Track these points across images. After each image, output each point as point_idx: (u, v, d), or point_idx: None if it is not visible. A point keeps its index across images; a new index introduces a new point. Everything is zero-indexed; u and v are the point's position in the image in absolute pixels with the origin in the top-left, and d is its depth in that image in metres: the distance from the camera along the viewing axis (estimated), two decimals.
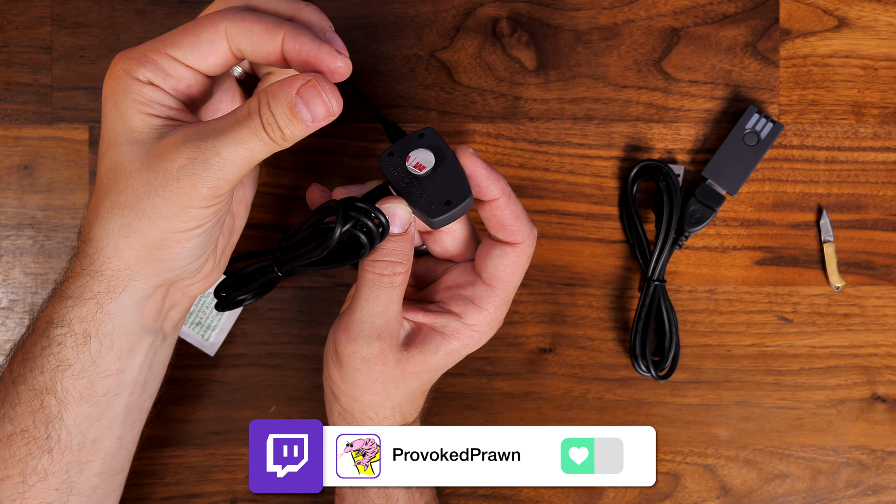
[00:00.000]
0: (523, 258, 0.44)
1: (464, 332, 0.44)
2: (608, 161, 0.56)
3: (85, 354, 0.41)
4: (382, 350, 0.43)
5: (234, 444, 0.56)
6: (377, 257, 0.42)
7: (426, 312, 0.45)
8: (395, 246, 0.42)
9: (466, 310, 0.44)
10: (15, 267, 0.55)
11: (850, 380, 0.57)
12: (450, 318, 0.44)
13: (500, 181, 0.42)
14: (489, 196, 0.42)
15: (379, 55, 0.56)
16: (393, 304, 0.43)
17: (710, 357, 0.57)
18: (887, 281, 0.57)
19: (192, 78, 0.41)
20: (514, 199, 0.43)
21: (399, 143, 0.43)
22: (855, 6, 0.56)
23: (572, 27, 0.56)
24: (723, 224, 0.56)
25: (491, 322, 0.45)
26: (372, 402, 0.46)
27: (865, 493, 0.57)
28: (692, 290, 0.57)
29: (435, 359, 0.44)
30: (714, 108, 0.56)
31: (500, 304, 0.44)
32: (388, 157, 0.43)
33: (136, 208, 0.39)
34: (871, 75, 0.56)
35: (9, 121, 0.55)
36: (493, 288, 0.44)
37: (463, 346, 0.44)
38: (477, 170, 0.42)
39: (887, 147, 0.57)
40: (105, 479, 0.44)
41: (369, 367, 0.44)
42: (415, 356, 0.44)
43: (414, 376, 0.45)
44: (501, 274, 0.43)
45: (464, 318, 0.44)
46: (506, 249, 0.43)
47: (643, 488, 0.57)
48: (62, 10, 0.55)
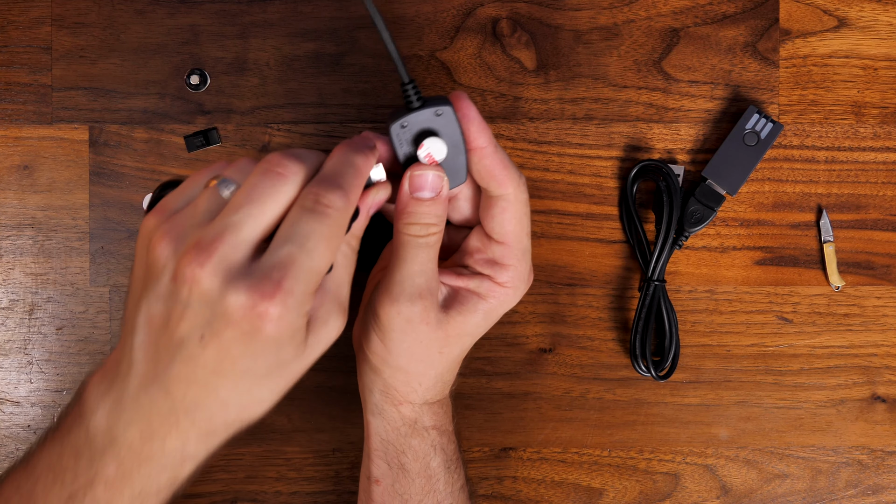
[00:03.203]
0: (519, 205, 0.44)
1: (497, 290, 0.45)
2: (608, 161, 0.56)
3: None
4: (425, 308, 0.44)
5: (234, 444, 0.56)
6: (411, 220, 0.43)
7: (459, 276, 0.46)
8: (428, 209, 0.43)
9: (494, 270, 0.45)
10: (15, 267, 0.55)
11: (849, 380, 0.57)
12: (482, 279, 0.46)
13: (489, 131, 0.43)
14: (478, 144, 0.43)
15: (379, 55, 0.56)
16: (430, 263, 0.44)
17: (710, 357, 0.57)
18: (887, 281, 0.57)
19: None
20: (500, 150, 0.44)
21: (414, 116, 0.42)
22: (855, 6, 0.56)
23: (572, 27, 0.56)
24: (723, 224, 0.56)
25: (520, 275, 0.46)
26: (417, 370, 0.46)
27: (865, 493, 0.57)
28: (692, 290, 0.57)
29: (475, 319, 0.45)
30: (714, 108, 0.56)
31: (521, 255, 0.45)
32: (401, 129, 0.42)
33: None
34: (870, 75, 0.56)
35: (9, 121, 0.55)
36: (506, 244, 0.45)
37: (499, 303, 0.46)
38: (474, 115, 0.43)
39: (887, 147, 0.57)
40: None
41: (413, 327, 0.44)
42: (454, 317, 0.45)
43: (456, 339, 0.46)
44: (508, 228, 0.44)
45: (495, 278, 0.45)
46: (500, 203, 0.44)
47: (643, 488, 0.57)
48: (62, 10, 0.55)
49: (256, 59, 0.55)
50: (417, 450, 0.48)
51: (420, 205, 0.43)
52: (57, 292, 0.55)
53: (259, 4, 0.55)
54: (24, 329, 0.55)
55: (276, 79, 0.55)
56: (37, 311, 0.55)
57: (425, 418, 0.48)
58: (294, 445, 0.56)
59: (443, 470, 0.48)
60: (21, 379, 0.55)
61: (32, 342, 0.55)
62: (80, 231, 0.55)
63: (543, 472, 0.57)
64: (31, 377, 0.55)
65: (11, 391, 0.55)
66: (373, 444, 0.49)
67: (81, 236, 0.55)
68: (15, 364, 0.55)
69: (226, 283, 0.35)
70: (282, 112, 0.55)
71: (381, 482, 0.49)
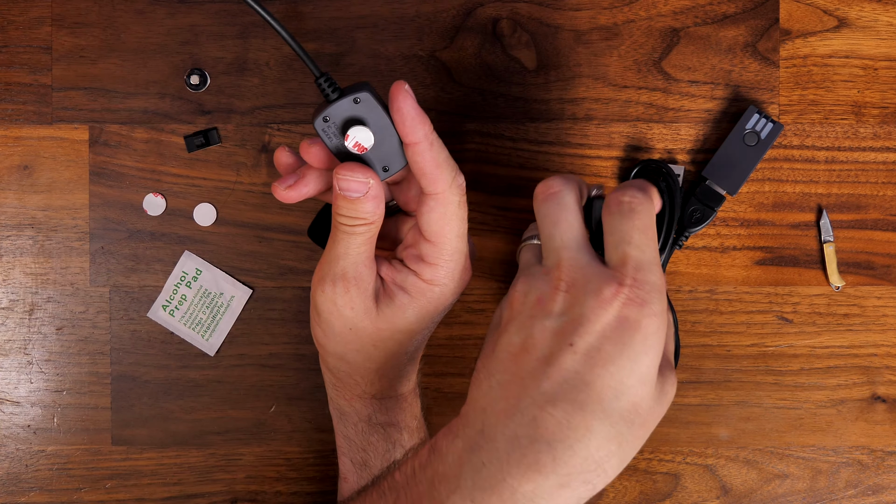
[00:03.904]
0: (450, 207, 0.43)
1: (424, 288, 0.45)
2: (608, 161, 0.56)
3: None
4: (348, 291, 0.44)
5: (234, 444, 0.56)
6: (340, 212, 0.43)
7: (390, 267, 0.46)
8: (357, 206, 0.42)
9: (420, 267, 0.45)
10: (15, 267, 0.55)
11: (850, 380, 0.57)
12: (408, 274, 0.45)
13: (425, 125, 0.41)
14: (411, 139, 0.42)
15: (379, 55, 0.56)
16: (357, 249, 0.44)
17: (710, 357, 0.57)
18: (887, 281, 0.57)
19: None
20: (436, 147, 0.42)
21: (334, 108, 0.42)
22: (855, 6, 0.56)
23: (572, 27, 0.56)
24: (723, 224, 0.56)
25: (449, 274, 0.45)
26: (355, 361, 0.46)
27: (865, 493, 0.57)
28: (692, 290, 0.57)
29: (404, 315, 0.45)
30: (714, 108, 0.56)
31: (449, 255, 0.44)
32: (324, 123, 0.42)
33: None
34: (871, 75, 0.56)
35: (9, 121, 0.55)
36: (434, 243, 0.44)
37: (427, 301, 0.45)
38: (406, 110, 0.41)
39: (887, 147, 0.57)
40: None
41: (339, 311, 0.44)
42: (383, 310, 0.45)
43: (388, 334, 0.45)
44: (435, 227, 0.43)
45: (421, 275, 0.45)
46: (430, 202, 0.43)
47: (643, 488, 0.57)
48: (62, 10, 0.55)
49: (256, 59, 0.55)
50: (377, 446, 0.48)
51: (348, 202, 0.42)
52: (57, 292, 0.55)
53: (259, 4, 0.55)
54: (24, 329, 0.55)
55: (276, 79, 0.55)
56: (37, 311, 0.55)
57: (378, 415, 0.48)
58: (294, 445, 0.56)
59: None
60: (21, 379, 0.55)
61: (32, 342, 0.55)
62: (80, 231, 0.55)
63: None
64: (31, 377, 0.55)
65: (11, 391, 0.55)
66: (337, 442, 0.50)
67: (81, 236, 0.55)
68: (15, 364, 0.55)
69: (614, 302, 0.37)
70: (282, 112, 0.55)
71: (348, 479, 0.49)
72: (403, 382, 0.49)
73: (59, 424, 0.55)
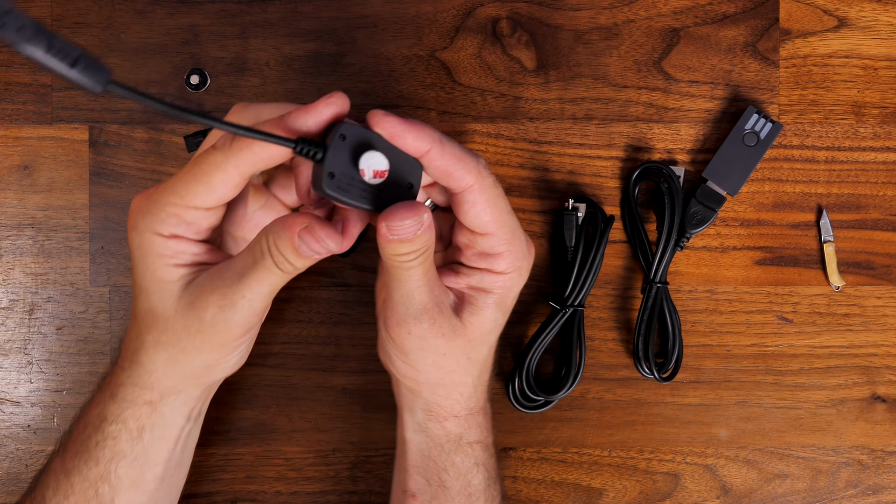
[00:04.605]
0: (489, 192, 0.41)
1: (500, 279, 0.43)
2: (608, 161, 0.56)
3: (139, 447, 0.44)
4: (434, 321, 0.42)
5: (233, 444, 0.56)
6: (394, 252, 0.39)
7: (459, 275, 0.44)
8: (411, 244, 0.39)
9: (489, 262, 0.43)
10: (15, 267, 0.55)
11: (850, 380, 0.57)
12: (482, 274, 0.43)
13: (425, 132, 0.39)
14: (420, 151, 0.39)
15: (379, 55, 0.56)
16: (424, 278, 0.41)
17: (710, 357, 0.57)
18: (887, 281, 0.57)
19: (213, 213, 0.41)
20: (448, 144, 0.40)
21: (331, 160, 0.38)
22: (855, 6, 0.56)
23: (572, 27, 0.56)
24: (723, 224, 0.56)
25: (517, 256, 0.43)
26: (453, 381, 0.45)
27: (865, 493, 0.57)
28: (692, 290, 0.57)
29: (489, 315, 0.44)
30: (714, 108, 0.56)
31: (510, 238, 0.42)
32: (331, 180, 0.38)
33: (178, 346, 0.42)
34: (871, 75, 0.56)
35: (9, 121, 0.55)
36: (490, 234, 0.42)
37: (507, 290, 0.44)
38: (398, 132, 0.39)
39: (887, 147, 0.57)
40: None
41: (429, 343, 0.43)
42: (469, 319, 0.43)
43: (479, 340, 0.44)
44: (486, 218, 0.41)
45: (493, 269, 0.43)
46: (468, 197, 0.41)
47: (643, 488, 0.57)
48: (62, 10, 0.55)
49: (256, 59, 0.55)
50: (460, 467, 0.47)
51: (404, 244, 0.39)
52: (57, 292, 0.55)
53: (259, 4, 0.55)
54: (24, 329, 0.55)
55: (276, 79, 0.55)
56: (37, 311, 0.55)
57: (471, 432, 0.46)
58: (294, 445, 0.56)
59: (483, 488, 0.47)
60: (21, 379, 0.55)
61: (32, 342, 0.55)
62: (80, 231, 0.55)
63: (543, 472, 0.57)
64: (31, 377, 0.55)
65: (11, 391, 0.55)
66: (412, 460, 0.47)
67: (81, 236, 0.55)
68: (15, 364, 0.55)
69: None
70: None
71: (419, 497, 0.48)
72: (488, 390, 0.47)
73: (59, 424, 0.55)
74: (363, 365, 0.56)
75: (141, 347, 0.43)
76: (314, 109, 0.39)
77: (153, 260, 0.41)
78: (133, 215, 0.41)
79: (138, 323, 0.43)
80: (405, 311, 0.42)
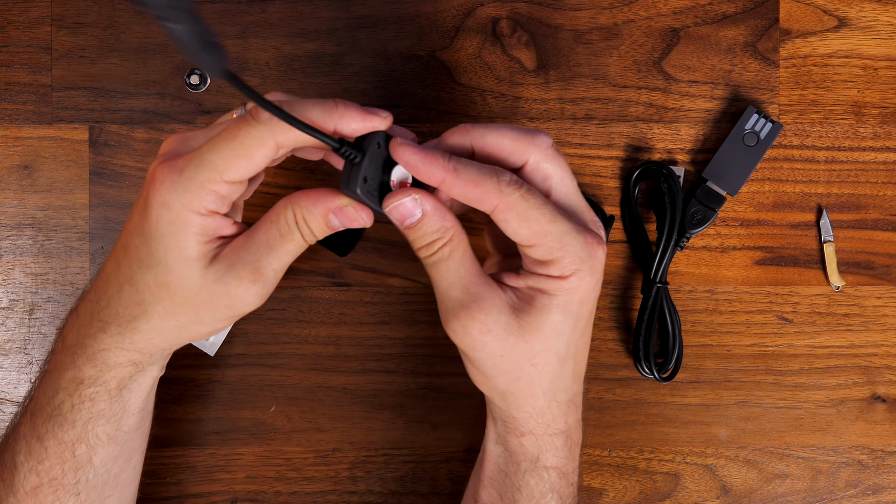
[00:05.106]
0: (518, 210, 0.40)
1: (560, 284, 0.41)
2: (608, 161, 0.56)
3: (117, 404, 0.44)
4: (474, 317, 0.41)
5: (234, 444, 0.56)
6: (416, 245, 0.41)
7: (518, 276, 0.42)
8: (423, 230, 0.41)
9: (544, 268, 0.41)
10: (15, 267, 0.55)
11: (850, 380, 0.57)
12: (539, 277, 0.41)
13: (436, 163, 0.39)
14: (434, 182, 0.40)
15: (379, 55, 0.56)
16: (458, 273, 0.41)
17: (710, 357, 0.57)
18: (887, 281, 0.57)
19: (243, 186, 0.41)
20: (463, 170, 0.39)
21: (367, 166, 0.40)
22: (855, 6, 0.56)
23: (572, 27, 0.56)
24: (723, 224, 0.57)
25: (574, 259, 0.41)
26: (520, 390, 0.43)
27: (865, 493, 0.57)
28: (692, 290, 0.57)
29: (551, 318, 0.41)
30: (714, 108, 0.56)
31: (559, 243, 0.40)
32: (364, 184, 0.39)
33: (195, 318, 0.42)
34: (871, 75, 0.56)
35: (9, 121, 0.55)
36: (535, 245, 0.40)
37: (571, 295, 0.41)
38: (411, 164, 0.39)
39: (887, 147, 0.57)
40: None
41: (480, 342, 0.42)
42: (527, 320, 0.41)
43: (541, 345, 0.42)
44: (524, 233, 0.40)
45: (550, 273, 0.41)
46: (498, 217, 0.40)
47: (643, 488, 0.57)
48: (62, 10, 0.55)
49: (256, 59, 0.55)
50: (533, 490, 0.45)
51: (414, 231, 0.41)
52: (57, 292, 0.55)
53: (259, 4, 0.55)
54: (24, 329, 0.55)
55: (276, 79, 0.55)
56: (37, 311, 0.55)
57: (548, 456, 0.45)
58: (294, 445, 0.56)
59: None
60: (21, 379, 0.55)
61: (32, 342, 0.55)
62: (80, 231, 0.55)
63: None
64: (31, 377, 0.55)
65: (11, 391, 0.55)
66: (488, 472, 0.46)
67: (81, 236, 0.55)
68: (15, 364, 0.55)
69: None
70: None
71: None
72: (571, 410, 0.45)
73: None
74: (363, 365, 0.56)
75: (142, 315, 0.42)
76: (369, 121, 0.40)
77: (186, 238, 0.40)
78: (161, 190, 0.40)
79: (140, 292, 0.42)
80: (445, 309, 0.42)
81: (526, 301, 0.42)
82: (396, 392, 0.56)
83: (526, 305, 0.42)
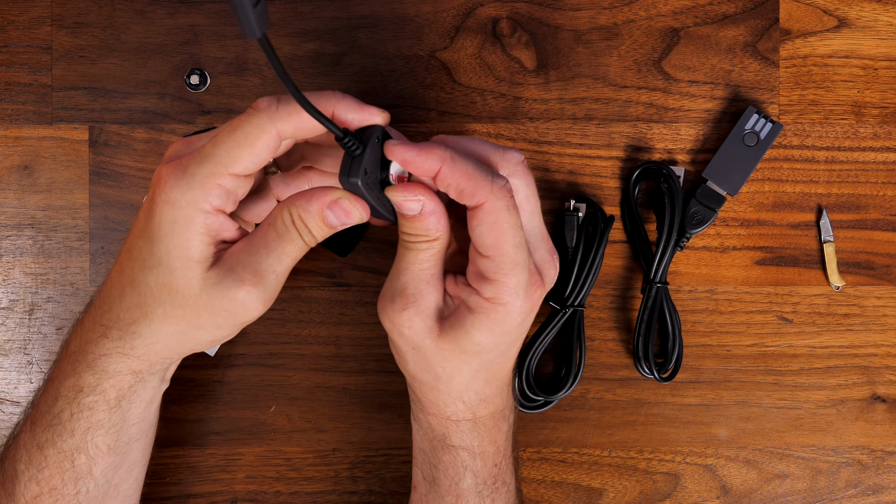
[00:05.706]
0: (499, 216, 0.40)
1: (488, 307, 0.41)
2: (608, 161, 0.56)
3: (116, 415, 0.44)
4: (405, 308, 0.42)
5: (234, 444, 0.56)
6: (404, 229, 0.42)
7: (456, 285, 0.43)
8: (414, 224, 0.41)
9: (480, 285, 0.41)
10: (15, 267, 0.55)
11: (850, 380, 0.57)
12: (471, 292, 0.42)
13: (433, 152, 0.39)
14: (430, 172, 0.40)
15: (379, 55, 0.56)
16: (417, 265, 0.42)
17: (710, 357, 0.57)
18: (887, 281, 0.57)
19: (247, 182, 0.41)
20: (459, 162, 0.39)
21: (367, 158, 0.39)
22: (855, 6, 0.56)
23: (572, 27, 0.56)
24: (723, 224, 0.57)
25: (512, 290, 0.41)
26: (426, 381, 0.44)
27: (865, 493, 0.57)
28: (692, 290, 0.57)
29: (468, 337, 0.42)
30: (714, 108, 0.56)
31: (509, 269, 0.41)
32: (364, 176, 0.39)
33: (195, 322, 0.42)
34: (871, 75, 0.56)
35: (9, 121, 0.55)
36: (490, 258, 0.41)
37: (493, 321, 0.41)
38: (408, 160, 0.40)
39: (887, 147, 0.57)
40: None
41: (398, 330, 0.43)
42: (447, 331, 0.42)
43: (454, 356, 0.43)
44: (489, 240, 0.40)
45: (482, 293, 0.41)
46: (477, 215, 0.40)
47: (643, 488, 0.57)
48: (62, 10, 0.55)
49: (256, 59, 0.55)
50: (448, 466, 0.46)
51: (408, 220, 0.41)
52: (57, 292, 0.55)
53: None
54: (24, 329, 0.55)
55: (276, 79, 0.55)
56: (37, 311, 0.55)
57: (453, 436, 0.46)
58: (294, 445, 0.56)
59: (473, 493, 0.46)
60: (21, 379, 0.55)
61: (32, 342, 0.55)
62: (80, 231, 0.55)
63: (543, 472, 0.57)
64: (31, 377, 0.55)
65: (11, 391, 0.55)
66: (413, 451, 0.49)
67: (81, 236, 0.55)
68: (15, 364, 0.55)
69: None
70: None
71: (418, 489, 0.48)
72: (481, 406, 0.45)
73: None
74: (363, 365, 0.56)
75: (142, 318, 0.42)
76: (367, 112, 0.40)
77: (189, 237, 0.40)
78: (166, 188, 0.40)
79: (141, 294, 0.42)
80: (388, 286, 0.43)
81: (454, 313, 0.43)
82: (396, 392, 0.56)
83: (452, 318, 0.43)
